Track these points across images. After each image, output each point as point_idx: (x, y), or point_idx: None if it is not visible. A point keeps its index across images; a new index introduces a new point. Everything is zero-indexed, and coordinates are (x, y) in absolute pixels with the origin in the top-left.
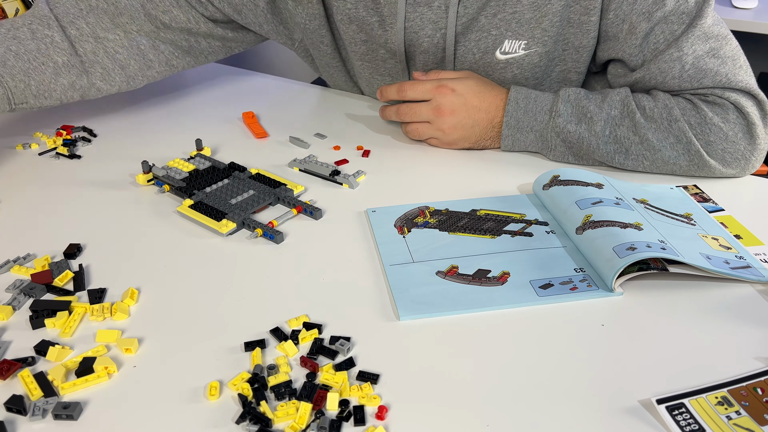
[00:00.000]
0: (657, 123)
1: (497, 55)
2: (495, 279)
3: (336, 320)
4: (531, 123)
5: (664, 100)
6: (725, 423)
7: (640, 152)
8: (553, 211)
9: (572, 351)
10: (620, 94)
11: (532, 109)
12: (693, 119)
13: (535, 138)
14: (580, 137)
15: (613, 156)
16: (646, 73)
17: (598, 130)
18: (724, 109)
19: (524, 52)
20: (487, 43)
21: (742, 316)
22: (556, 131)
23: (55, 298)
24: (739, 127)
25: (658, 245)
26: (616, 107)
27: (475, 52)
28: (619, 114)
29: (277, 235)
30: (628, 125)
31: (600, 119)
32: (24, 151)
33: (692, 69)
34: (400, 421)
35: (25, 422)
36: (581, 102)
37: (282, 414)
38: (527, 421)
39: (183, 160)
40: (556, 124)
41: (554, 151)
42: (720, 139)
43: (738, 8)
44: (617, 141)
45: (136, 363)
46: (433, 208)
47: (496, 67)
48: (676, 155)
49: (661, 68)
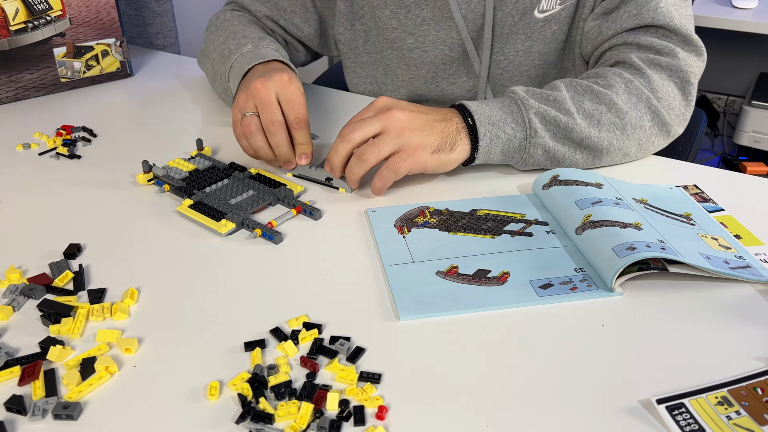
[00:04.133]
0: (616, 87)
1: (536, 14)
2: (495, 279)
3: (336, 320)
4: (502, 115)
5: (608, 70)
6: (725, 423)
7: (610, 120)
8: (552, 211)
9: (572, 351)
10: (563, 80)
11: (496, 105)
12: (641, 80)
13: (513, 128)
14: (556, 117)
15: (589, 131)
16: (626, 6)
17: (568, 107)
18: (663, 67)
19: (560, 7)
20: (525, 3)
21: (742, 316)
22: (534, 112)
23: (55, 299)
24: (674, 84)
25: (657, 245)
26: (569, 89)
27: (513, 14)
28: (576, 93)
29: (275, 236)
30: (590, 98)
31: (565, 99)
32: (24, 151)
33: (664, 8)
34: (400, 421)
35: (25, 422)
36: (536, 91)
37: (282, 414)
38: (527, 421)
39: (183, 160)
40: (530, 105)
41: (533, 139)
42: (666, 95)
43: (738, 8)
44: (588, 115)
45: (136, 363)
46: (433, 208)
47: (535, 27)
48: (640, 115)
49: (639, 2)
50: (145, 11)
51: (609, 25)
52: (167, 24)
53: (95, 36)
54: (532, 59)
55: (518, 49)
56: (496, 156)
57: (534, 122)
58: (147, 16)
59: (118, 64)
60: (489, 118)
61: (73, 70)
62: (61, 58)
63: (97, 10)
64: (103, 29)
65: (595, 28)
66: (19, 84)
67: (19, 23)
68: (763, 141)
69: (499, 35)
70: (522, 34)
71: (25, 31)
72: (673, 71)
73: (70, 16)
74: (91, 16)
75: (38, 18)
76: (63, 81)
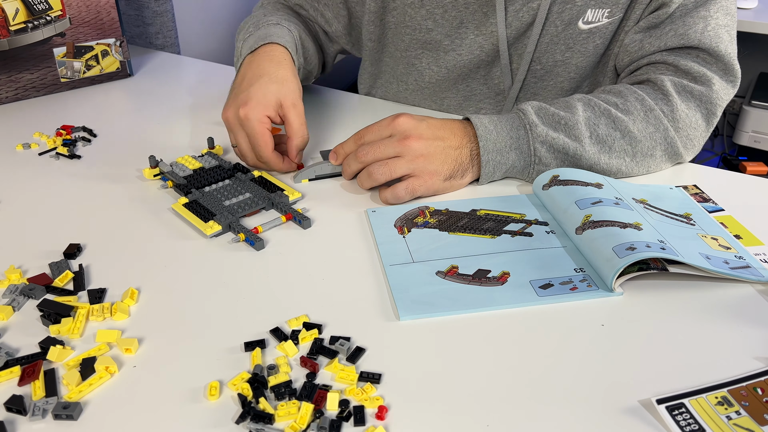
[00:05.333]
0: (634, 114)
1: (580, 25)
2: (495, 279)
3: (336, 320)
4: (508, 142)
5: (632, 92)
6: (725, 423)
7: (622, 147)
8: (552, 211)
9: (572, 351)
10: (582, 99)
11: (504, 129)
12: (665, 107)
13: (517, 156)
14: (564, 145)
15: (598, 157)
16: (673, 24)
17: (578, 134)
18: (695, 96)
19: (607, 21)
20: (571, 13)
21: (742, 316)
22: (540, 140)
23: (55, 299)
24: (701, 115)
25: (657, 245)
26: (586, 110)
27: (558, 24)
28: (593, 114)
29: (257, 242)
30: (606, 122)
31: (577, 123)
32: (24, 151)
33: (713, 31)
34: (400, 421)
35: (25, 422)
36: (548, 111)
37: (282, 414)
38: (527, 421)
39: (192, 158)
40: (537, 134)
41: (537, 166)
42: (686, 125)
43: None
44: (600, 140)
45: (136, 363)
46: (433, 208)
47: (578, 39)
48: (653, 145)
49: (687, 21)
50: (145, 11)
51: (652, 41)
52: (167, 24)
53: (95, 36)
54: (569, 71)
55: (557, 60)
56: (499, 177)
57: (539, 151)
58: (147, 16)
59: (118, 64)
60: (494, 145)
61: (73, 70)
62: (61, 58)
63: (97, 10)
64: (103, 29)
65: (636, 42)
66: (19, 84)
67: (19, 23)
68: (763, 141)
69: (540, 43)
70: (563, 45)
71: (25, 31)
72: (703, 101)
73: (70, 16)
74: (91, 16)
75: (38, 18)
76: (63, 81)
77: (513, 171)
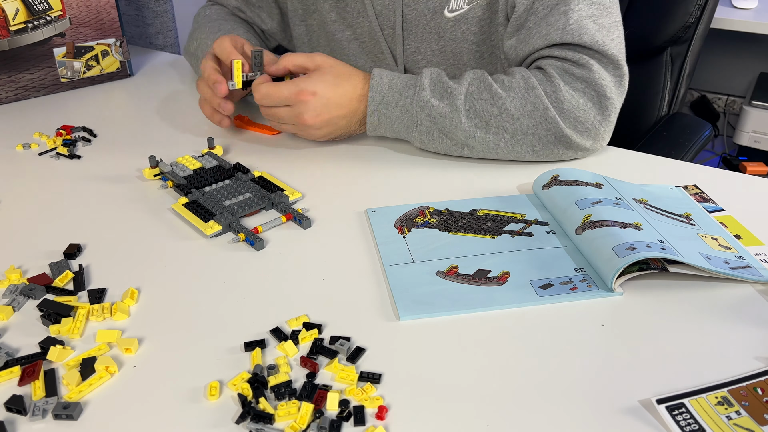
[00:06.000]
0: (515, 92)
1: (446, 13)
2: (495, 279)
3: (336, 320)
4: (396, 98)
5: (521, 72)
6: (725, 423)
7: (499, 123)
8: (552, 211)
9: (572, 351)
10: (476, 72)
11: (396, 85)
12: (548, 88)
13: (401, 113)
14: (443, 112)
15: (474, 131)
16: (536, 26)
17: (458, 104)
18: (577, 78)
19: (468, 6)
20: (435, 2)
21: (742, 316)
22: (421, 105)
23: (55, 299)
24: (588, 97)
25: (657, 245)
26: (473, 84)
27: (425, 13)
28: (476, 89)
29: (257, 242)
30: (486, 98)
31: (459, 94)
32: (24, 151)
33: (575, 24)
34: (400, 421)
35: (25, 422)
36: (442, 78)
37: (282, 414)
38: (527, 421)
39: (192, 158)
40: (421, 98)
41: (419, 126)
42: (572, 107)
43: (738, 8)
44: (477, 114)
45: (136, 363)
46: (433, 208)
47: (446, 27)
48: (534, 123)
49: (549, 21)
50: (145, 11)
51: (522, 47)
52: (167, 24)
53: (95, 36)
54: (447, 59)
55: (433, 49)
56: (387, 132)
57: (419, 115)
58: (147, 16)
59: (118, 64)
60: (381, 97)
61: (73, 70)
62: (61, 58)
63: (97, 10)
64: (103, 29)
65: (512, 49)
66: (19, 84)
67: (19, 23)
68: (763, 141)
69: (414, 34)
70: (435, 34)
71: (25, 31)
72: (589, 84)
73: (70, 16)
74: (91, 16)
75: (38, 18)
76: (63, 81)
77: (399, 126)
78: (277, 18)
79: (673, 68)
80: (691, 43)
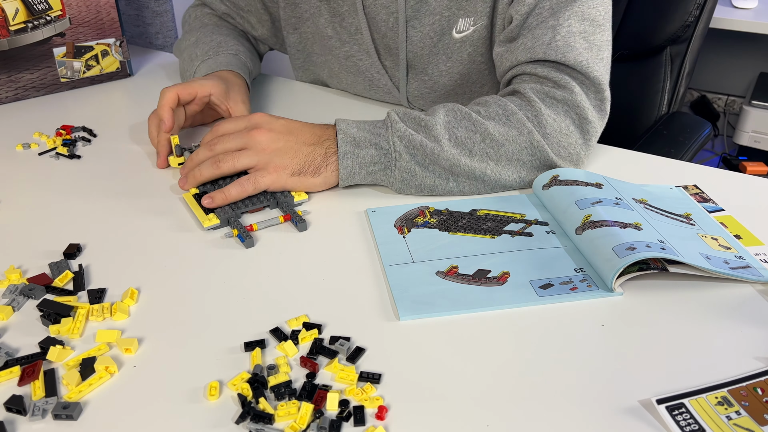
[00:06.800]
0: (495, 119)
1: (453, 34)
2: (495, 279)
3: (336, 320)
4: (368, 137)
5: (496, 100)
6: (725, 423)
7: (483, 150)
8: (552, 211)
9: (572, 351)
10: (446, 106)
11: (366, 127)
12: (529, 113)
13: (376, 152)
14: (422, 142)
15: (458, 158)
16: (523, 38)
17: (437, 134)
18: (558, 101)
19: (473, 28)
20: (442, 24)
21: (742, 316)
22: (398, 136)
23: (55, 299)
24: (571, 120)
25: (657, 245)
26: (449, 114)
27: (431, 35)
28: (454, 119)
29: (247, 239)
30: (466, 126)
31: (436, 124)
32: (24, 151)
33: (562, 41)
34: (400, 421)
35: (25, 422)
36: (412, 114)
37: (282, 414)
38: (527, 421)
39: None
40: (396, 129)
41: (398, 163)
42: (555, 131)
43: (738, 8)
44: (459, 143)
45: (136, 363)
46: (433, 208)
47: (454, 47)
48: (519, 149)
49: (536, 34)
50: (145, 11)
51: (508, 56)
52: (167, 24)
53: (95, 36)
54: (454, 79)
55: (441, 70)
56: (362, 177)
57: (398, 146)
58: (147, 16)
59: (117, 64)
60: (353, 138)
61: (72, 70)
62: (61, 58)
63: (97, 10)
64: (103, 29)
65: (498, 56)
66: (19, 84)
67: (19, 23)
68: (763, 141)
69: (420, 56)
70: (443, 55)
71: (25, 31)
72: (571, 106)
73: (70, 16)
74: (91, 16)
75: (38, 18)
76: (63, 81)
77: (375, 168)
78: (267, 24)
79: (672, 67)
80: (690, 42)
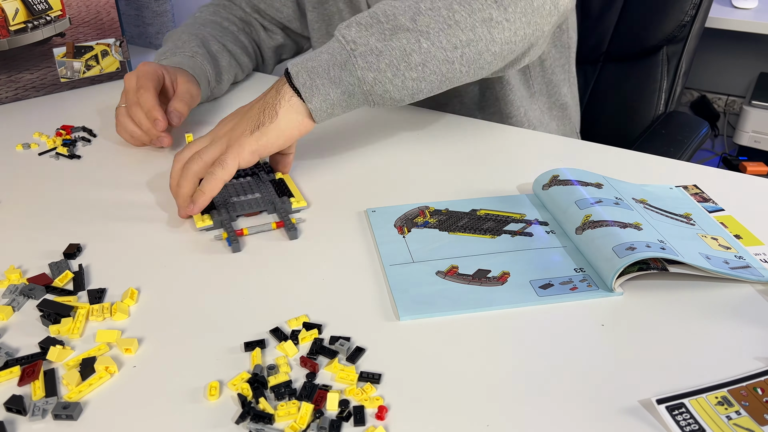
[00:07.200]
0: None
1: None
2: (495, 279)
3: (336, 320)
4: (317, 52)
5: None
6: (725, 423)
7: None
8: (552, 211)
9: (572, 351)
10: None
11: (315, 53)
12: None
13: (329, 55)
14: (371, 15)
15: (417, 5)
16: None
17: (383, 7)
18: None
19: None
20: None
21: (742, 316)
22: (345, 27)
23: (55, 299)
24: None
25: (657, 245)
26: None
27: None
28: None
29: (233, 243)
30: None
31: (377, 6)
32: (24, 151)
33: None
34: (400, 421)
35: (25, 422)
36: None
37: (282, 414)
38: (527, 421)
39: None
40: (340, 28)
41: (356, 51)
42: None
43: (738, 8)
44: (441, 18)
45: (136, 363)
46: (433, 208)
47: None
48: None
49: None
50: (145, 11)
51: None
52: (167, 24)
53: (95, 36)
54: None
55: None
56: (329, 90)
57: (348, 36)
58: (147, 16)
59: (117, 64)
60: (301, 59)
61: (72, 70)
62: (61, 58)
63: (97, 10)
64: (103, 29)
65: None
66: (19, 84)
67: (18, 23)
68: (763, 141)
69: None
70: None
71: (24, 31)
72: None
73: (70, 16)
74: (90, 16)
75: (38, 18)
76: (63, 81)
77: (335, 71)
78: (292, 6)
79: (669, 67)
80: (686, 42)
